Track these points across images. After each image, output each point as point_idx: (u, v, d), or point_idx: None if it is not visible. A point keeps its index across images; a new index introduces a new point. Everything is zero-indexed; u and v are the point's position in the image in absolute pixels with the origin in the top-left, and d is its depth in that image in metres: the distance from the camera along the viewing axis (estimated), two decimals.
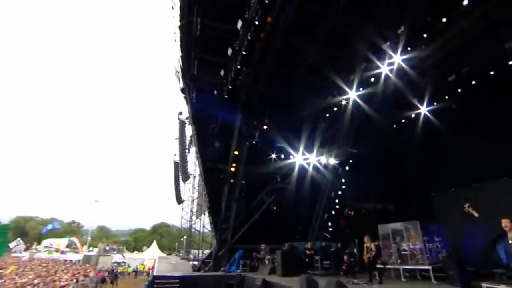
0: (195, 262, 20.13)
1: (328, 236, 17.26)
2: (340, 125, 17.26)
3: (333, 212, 17.13)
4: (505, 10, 11.08)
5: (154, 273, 14.84)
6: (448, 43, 12.69)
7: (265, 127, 14.76)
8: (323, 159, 16.70)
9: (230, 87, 12.63)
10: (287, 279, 11.60)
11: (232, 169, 16.12)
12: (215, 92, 14.03)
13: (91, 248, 43.94)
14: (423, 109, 15.13)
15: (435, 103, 14.49)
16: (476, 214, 6.07)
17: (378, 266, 11.33)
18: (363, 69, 12.63)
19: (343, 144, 17.08)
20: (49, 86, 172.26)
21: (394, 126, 16.66)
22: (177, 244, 44.07)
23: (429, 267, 10.00)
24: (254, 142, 14.29)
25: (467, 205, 6.18)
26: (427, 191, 14.62)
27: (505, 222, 5.51)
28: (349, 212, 17.21)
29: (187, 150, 24.41)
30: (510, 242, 5.41)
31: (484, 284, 8.29)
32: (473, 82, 12.79)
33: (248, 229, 17.04)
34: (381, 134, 16.92)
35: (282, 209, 16.45)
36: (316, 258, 13.67)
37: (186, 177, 25.01)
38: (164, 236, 69.21)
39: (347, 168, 16.92)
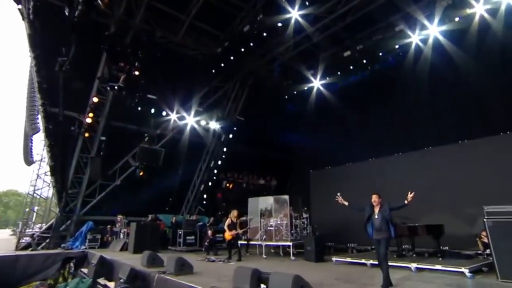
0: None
1: (203, 209, 16.50)
2: (230, 87, 16.31)
3: (210, 184, 16.33)
4: None
5: None
6: (347, 15, 12.86)
7: (136, 72, 12.40)
8: (205, 122, 15.47)
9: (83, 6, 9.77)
10: (136, 256, 10.17)
11: (88, 120, 13.33)
12: (66, 11, 10.80)
13: None
14: (316, 83, 15.40)
15: (327, 78, 14.84)
16: (346, 203, 6.40)
17: (242, 242, 11.05)
18: (259, 21, 11.58)
19: (230, 109, 16.25)
20: None
21: (286, 97, 16.67)
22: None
23: (290, 243, 10.09)
24: (116, 88, 11.83)
25: (338, 195, 6.46)
26: (310, 168, 15.23)
27: (374, 198, 5.92)
28: (227, 184, 16.75)
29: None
30: (376, 216, 5.83)
31: (334, 258, 8.87)
32: (364, 61, 13.39)
33: (105, 198, 14.79)
34: (271, 104, 16.74)
35: (152, 175, 14.66)
36: (180, 233, 12.66)
37: (33, 129, 20.27)
38: (11, 207, 57.40)
39: (230, 136, 16.17)
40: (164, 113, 14.08)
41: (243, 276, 5.22)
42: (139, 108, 12.89)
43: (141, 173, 14.45)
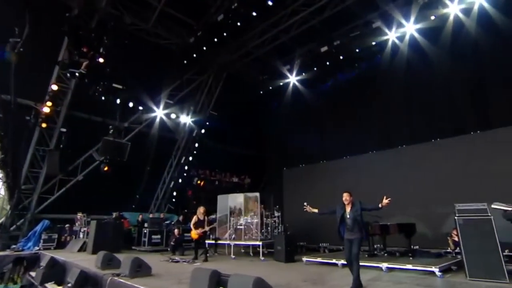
0: None
1: (172, 207, 15.84)
2: (204, 80, 15.78)
3: (180, 181, 15.68)
4: None
5: None
6: (325, 9, 12.68)
7: (101, 59, 11.58)
8: (176, 115, 14.80)
9: None
10: (93, 258, 9.45)
11: (46, 110, 12.35)
12: None
13: None
14: (292, 79, 15.13)
15: (303, 74, 14.60)
16: (315, 210, 6.07)
17: (210, 242, 10.59)
18: (233, 10, 11.12)
19: (203, 103, 15.71)
20: None
21: (261, 93, 16.29)
22: None
23: (260, 243, 9.73)
24: (78, 74, 10.98)
25: (305, 204, 6.14)
26: (285, 165, 14.96)
27: (345, 196, 5.64)
28: (199, 182, 16.16)
29: None
30: (347, 216, 5.55)
31: (304, 258, 8.61)
32: (341, 57, 13.26)
33: (65, 194, 13.80)
34: (246, 100, 16.32)
35: (118, 171, 13.84)
36: (145, 231, 12.00)
37: None
38: None
39: (203, 131, 15.57)
40: (131, 105, 13.26)
41: (201, 278, 4.79)
42: (103, 98, 12.04)
43: (105, 168, 13.58)
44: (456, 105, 10.43)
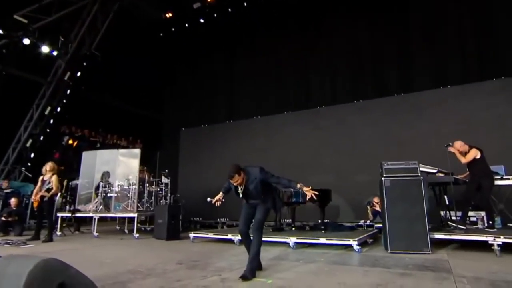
0: None
1: (29, 174, 12.13)
2: (87, 7, 12.29)
3: (42, 138, 11.99)
4: None
5: None
6: None
7: None
8: (40, 46, 10.97)
9: None
10: None
11: None
12: None
13: None
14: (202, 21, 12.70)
15: (215, 15, 12.28)
16: (220, 194, 4.06)
17: (64, 214, 7.93)
18: None
19: (83, 38, 12.26)
20: None
21: (161, 34, 13.46)
22: None
23: (135, 215, 7.47)
24: None
25: (209, 199, 4.22)
26: (181, 126, 12.78)
27: (233, 181, 3.71)
28: (70, 141, 12.71)
29: None
30: (241, 191, 3.77)
31: (191, 234, 6.95)
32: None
33: None
34: (141, 43, 13.38)
35: None
36: None
37: None
38: None
39: (79, 74, 12.06)
40: None
41: None
42: None
43: None
44: (381, 65, 9.67)
